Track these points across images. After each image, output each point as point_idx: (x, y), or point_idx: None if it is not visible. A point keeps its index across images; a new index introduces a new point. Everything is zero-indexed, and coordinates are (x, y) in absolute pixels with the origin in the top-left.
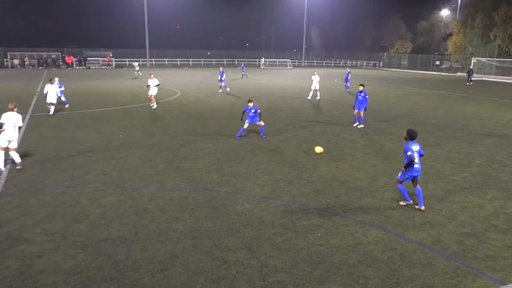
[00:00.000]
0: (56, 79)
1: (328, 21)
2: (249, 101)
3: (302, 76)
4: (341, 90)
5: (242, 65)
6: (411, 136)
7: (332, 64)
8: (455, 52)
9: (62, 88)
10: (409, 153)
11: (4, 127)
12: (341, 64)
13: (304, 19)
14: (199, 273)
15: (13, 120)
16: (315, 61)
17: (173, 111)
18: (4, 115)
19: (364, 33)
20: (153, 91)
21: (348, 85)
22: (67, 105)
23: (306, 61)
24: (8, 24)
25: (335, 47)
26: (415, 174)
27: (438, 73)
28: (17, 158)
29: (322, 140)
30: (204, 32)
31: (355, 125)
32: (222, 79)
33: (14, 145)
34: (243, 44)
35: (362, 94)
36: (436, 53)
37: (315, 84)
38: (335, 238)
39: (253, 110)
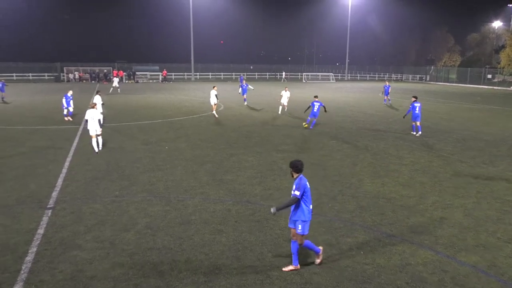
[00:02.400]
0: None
1: (372, 35)
2: (315, 96)
3: (345, 90)
4: (384, 106)
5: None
6: (300, 169)
7: (376, 78)
8: (509, 65)
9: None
10: (297, 192)
11: (88, 122)
12: (385, 78)
13: (347, 33)
14: (243, 287)
15: (92, 115)
16: (358, 75)
17: (216, 124)
18: (87, 112)
19: (409, 46)
20: (214, 100)
21: (389, 98)
22: (67, 118)
23: (349, 75)
24: (64, 41)
25: (379, 60)
26: (310, 219)
27: (490, 87)
28: (100, 143)
29: (366, 155)
30: (247, 47)
31: (413, 133)
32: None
33: (99, 132)
34: (285, 58)
35: (418, 105)
36: (487, 66)
37: (284, 100)
38: (381, 258)
39: (317, 105)
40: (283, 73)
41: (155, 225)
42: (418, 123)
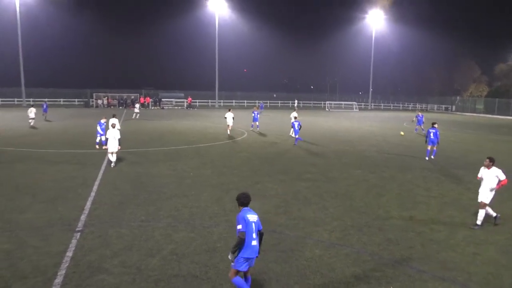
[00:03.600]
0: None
1: (395, 64)
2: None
3: (368, 119)
4: (412, 134)
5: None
6: (242, 202)
7: (400, 107)
8: None
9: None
10: (239, 226)
11: (109, 140)
12: (409, 108)
13: (371, 62)
14: None
15: (114, 134)
16: (382, 104)
17: (241, 151)
18: (108, 131)
19: (434, 75)
20: (229, 122)
21: (422, 127)
22: (103, 146)
23: (372, 104)
24: (94, 68)
25: (403, 90)
26: (252, 256)
27: None
28: (114, 158)
29: (393, 186)
30: (270, 75)
31: (427, 158)
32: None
33: (115, 149)
34: (307, 86)
35: (433, 131)
36: None
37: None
38: None
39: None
40: (296, 101)
41: (180, 251)
42: (433, 147)
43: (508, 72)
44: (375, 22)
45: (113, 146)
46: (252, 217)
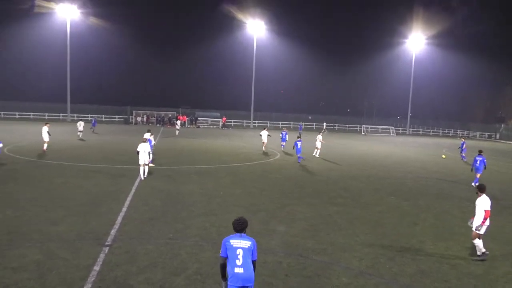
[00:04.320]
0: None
1: (436, 88)
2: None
3: (406, 144)
4: (452, 162)
5: (300, 125)
6: (235, 228)
7: (440, 133)
8: None
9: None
10: (222, 256)
11: (140, 153)
12: (450, 134)
13: (410, 85)
14: None
15: (144, 148)
16: (421, 130)
17: (272, 172)
18: (139, 145)
19: (476, 101)
20: (264, 139)
21: (464, 154)
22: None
23: (411, 129)
24: (134, 86)
25: (444, 115)
26: (238, 285)
27: None
28: (146, 172)
29: (428, 215)
30: (307, 97)
31: (474, 185)
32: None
33: (147, 162)
34: (344, 109)
35: (480, 159)
36: None
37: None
38: None
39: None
40: (324, 124)
41: (205, 271)
42: (477, 175)
43: None
44: (416, 45)
45: (143, 159)
46: (239, 243)
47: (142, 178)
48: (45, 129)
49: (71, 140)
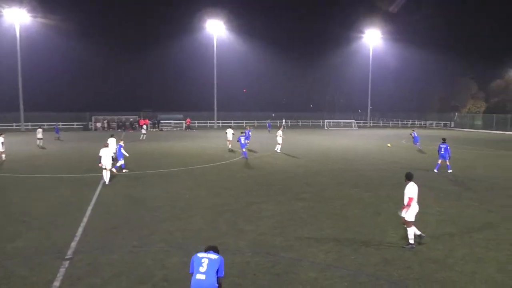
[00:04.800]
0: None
1: (393, 81)
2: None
3: (367, 137)
4: (409, 152)
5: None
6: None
7: (399, 125)
8: None
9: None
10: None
11: (102, 158)
12: (408, 125)
13: (369, 80)
14: None
15: (106, 152)
16: (381, 122)
17: (237, 172)
18: (101, 150)
19: (432, 93)
20: (229, 137)
21: (418, 143)
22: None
23: (371, 121)
24: (93, 91)
25: (402, 107)
26: None
27: None
28: (108, 177)
29: (389, 205)
30: (269, 95)
31: (435, 171)
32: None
33: (109, 166)
34: (307, 105)
35: (444, 147)
36: None
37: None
38: None
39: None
40: (283, 120)
41: (172, 277)
42: (445, 162)
43: (505, 88)
44: (373, 40)
45: (104, 163)
46: (206, 255)
47: (107, 182)
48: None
49: (28, 150)
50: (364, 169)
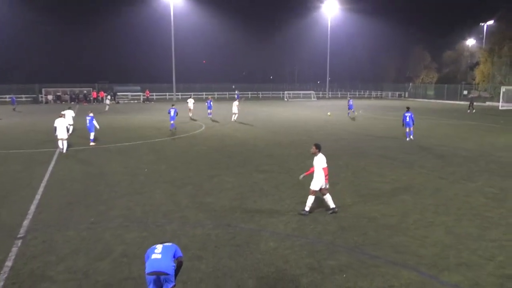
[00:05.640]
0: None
1: (351, 52)
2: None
3: (326, 108)
4: (366, 122)
5: (237, 94)
6: None
7: (357, 95)
8: (483, 81)
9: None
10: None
11: (57, 128)
12: (365, 95)
13: (327, 51)
14: None
15: (61, 123)
16: (339, 93)
17: (197, 145)
18: (56, 120)
19: (388, 63)
20: (191, 106)
21: (353, 111)
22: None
23: (330, 92)
24: (43, 61)
25: (359, 78)
26: (153, 270)
27: (466, 102)
28: (65, 146)
29: (347, 174)
30: (229, 66)
31: (408, 139)
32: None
33: (65, 136)
34: (267, 77)
35: (409, 115)
36: (463, 82)
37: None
38: (364, 280)
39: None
40: (236, 91)
41: (131, 252)
42: (410, 129)
43: (456, 59)
44: (331, 11)
45: (60, 133)
46: (160, 244)
47: (64, 151)
48: None
49: None
50: (324, 139)
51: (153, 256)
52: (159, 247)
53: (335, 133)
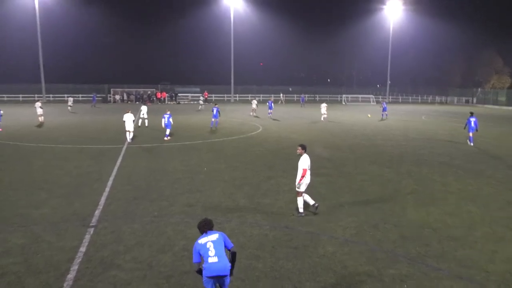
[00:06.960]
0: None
1: (414, 56)
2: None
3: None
4: (430, 129)
5: (302, 97)
6: (200, 231)
7: (419, 100)
8: None
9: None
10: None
11: (126, 122)
12: (428, 100)
13: (388, 54)
14: None
15: (129, 117)
16: (400, 97)
17: (255, 146)
18: (124, 115)
19: (454, 67)
20: (254, 106)
21: (386, 113)
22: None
23: (390, 97)
24: (112, 64)
25: (422, 82)
26: (213, 275)
27: None
28: (131, 136)
29: (409, 181)
30: (286, 69)
31: (472, 144)
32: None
33: (132, 129)
34: (324, 80)
35: (474, 120)
36: None
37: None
38: None
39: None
40: (281, 94)
41: (192, 248)
42: (470, 134)
43: None
44: (393, 13)
45: (127, 126)
46: (207, 239)
47: (129, 141)
48: (38, 104)
49: (49, 121)
50: (384, 144)
51: (210, 260)
52: (211, 248)
53: (394, 138)
